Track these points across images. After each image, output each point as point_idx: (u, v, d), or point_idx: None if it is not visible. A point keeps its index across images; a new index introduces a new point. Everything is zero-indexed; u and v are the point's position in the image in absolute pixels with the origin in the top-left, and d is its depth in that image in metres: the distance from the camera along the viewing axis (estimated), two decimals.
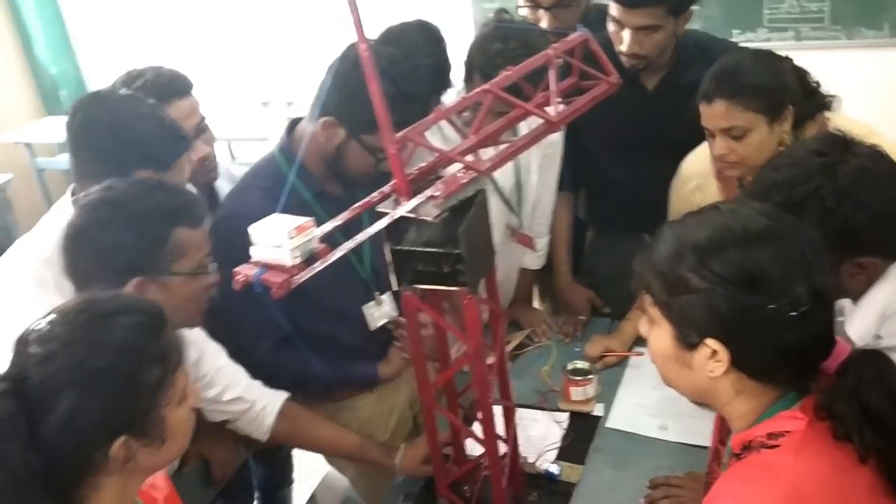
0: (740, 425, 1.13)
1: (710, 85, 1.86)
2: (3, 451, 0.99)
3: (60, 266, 1.61)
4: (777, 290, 1.02)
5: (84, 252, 1.41)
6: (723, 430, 1.33)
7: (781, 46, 3.59)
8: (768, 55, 1.92)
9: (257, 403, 1.80)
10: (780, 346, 1.04)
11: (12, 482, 0.99)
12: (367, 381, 2.09)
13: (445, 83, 2.19)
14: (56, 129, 5.02)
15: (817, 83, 1.96)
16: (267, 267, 1.15)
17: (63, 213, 1.69)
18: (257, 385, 1.82)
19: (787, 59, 1.95)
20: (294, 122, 1.95)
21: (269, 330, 1.84)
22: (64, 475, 1.05)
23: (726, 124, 1.84)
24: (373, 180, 1.38)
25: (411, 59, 1.98)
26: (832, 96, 1.95)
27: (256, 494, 2.72)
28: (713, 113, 1.86)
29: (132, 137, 1.61)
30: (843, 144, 1.40)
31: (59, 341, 1.05)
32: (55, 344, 1.05)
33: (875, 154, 1.39)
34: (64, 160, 5.15)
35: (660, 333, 1.14)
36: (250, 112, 4.84)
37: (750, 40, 3.70)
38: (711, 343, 1.06)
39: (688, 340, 1.09)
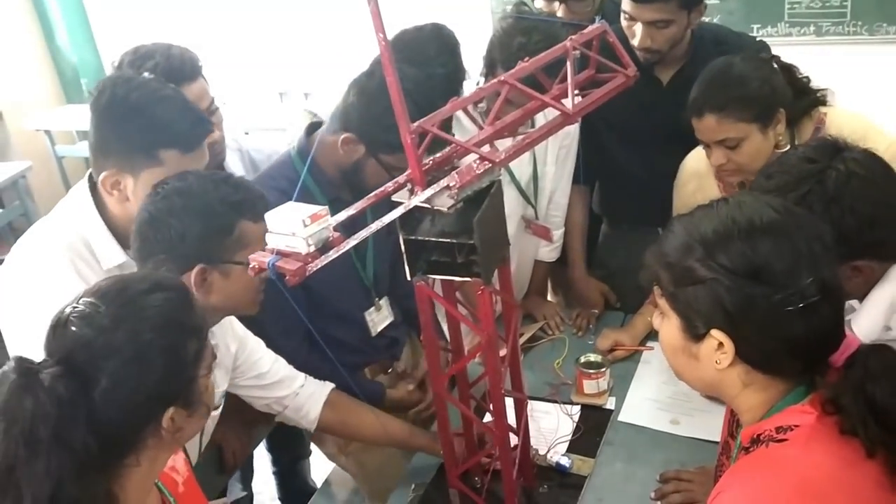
0: (749, 418, 1.13)
1: (698, 99, 1.86)
2: (68, 434, 1.00)
3: (80, 252, 1.64)
4: (782, 281, 1.02)
5: (155, 237, 1.47)
6: (733, 423, 1.33)
7: (802, 41, 3.62)
8: (753, 60, 1.92)
9: (303, 392, 1.83)
10: (786, 338, 1.04)
11: (76, 465, 1.00)
12: (373, 398, 2.11)
13: (458, 92, 2.18)
14: (76, 117, 5.05)
15: (807, 78, 1.95)
16: (281, 255, 1.15)
17: (79, 200, 1.71)
18: (301, 375, 1.84)
19: (775, 58, 1.95)
20: (313, 126, 1.95)
21: (294, 327, 1.87)
22: (115, 454, 1.07)
23: (719, 137, 1.85)
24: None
25: (425, 70, 2.00)
26: (824, 90, 1.94)
27: (273, 469, 2.75)
28: (704, 127, 1.86)
29: (160, 118, 1.63)
30: (833, 150, 1.40)
31: (103, 321, 1.06)
32: (99, 324, 1.06)
33: (865, 158, 1.39)
34: (83, 148, 5.19)
35: (668, 325, 1.14)
36: (268, 102, 4.86)
37: (770, 35, 3.67)
38: (717, 334, 1.06)
39: (694, 332, 1.10)
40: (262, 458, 2.86)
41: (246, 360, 1.76)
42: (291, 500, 2.80)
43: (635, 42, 2.12)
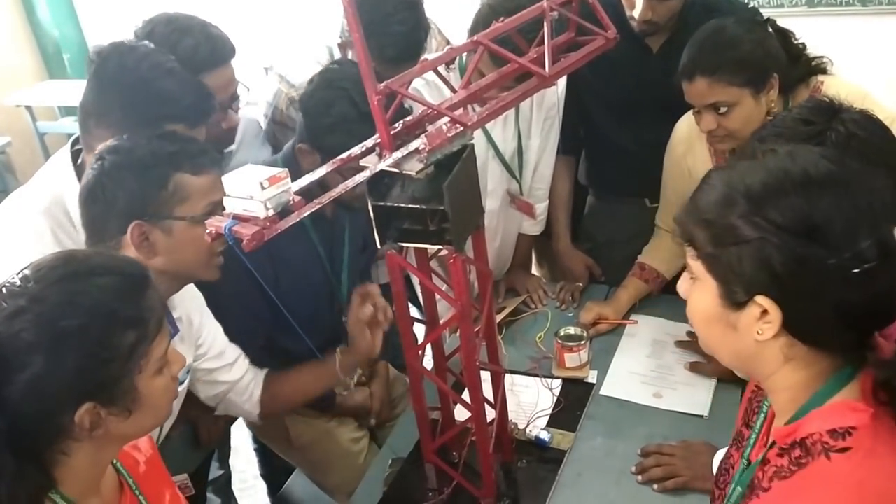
0: (786, 399, 1.00)
1: (690, 62, 1.80)
2: None
3: (58, 218, 1.61)
4: (840, 242, 0.89)
5: (95, 199, 1.42)
6: (750, 411, 1.20)
7: (794, 13, 3.55)
8: (747, 23, 1.86)
9: (246, 376, 1.80)
10: (840, 307, 0.91)
11: None
12: (325, 402, 2.12)
13: (418, 50, 2.14)
14: (58, 92, 4.98)
15: (803, 45, 1.90)
16: (239, 219, 1.10)
17: (60, 166, 1.67)
18: (246, 360, 1.82)
19: (769, 21, 1.89)
20: None
21: (254, 333, 1.86)
22: (29, 438, 1.01)
23: (709, 101, 1.80)
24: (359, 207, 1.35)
25: (383, 28, 1.96)
26: (822, 57, 1.89)
27: (255, 447, 2.72)
28: (695, 91, 1.81)
29: (169, 92, 1.60)
30: (831, 111, 1.34)
31: (29, 298, 1.00)
32: (24, 300, 1.00)
33: (864, 119, 1.34)
34: (65, 124, 5.11)
35: (702, 291, 1.00)
36: (252, 77, 4.78)
37: (761, 6, 3.60)
38: (762, 301, 0.93)
39: (734, 298, 0.96)
40: (245, 436, 2.83)
41: (207, 336, 1.71)
42: (273, 478, 2.76)
43: (636, 13, 2.06)
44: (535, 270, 2.70)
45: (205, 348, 1.71)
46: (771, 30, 1.87)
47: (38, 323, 0.99)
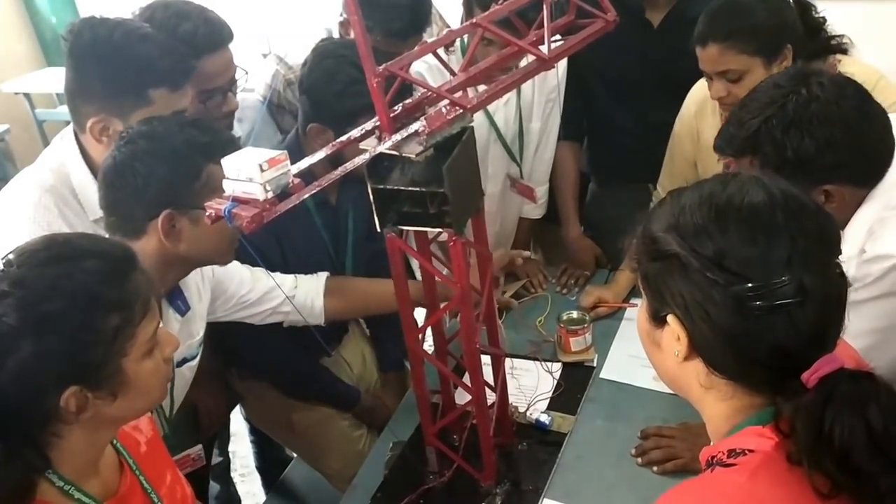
0: (712, 430, 0.99)
1: (704, 28, 1.81)
2: None
3: (64, 196, 1.62)
4: (747, 272, 0.87)
5: (121, 183, 1.41)
6: None
7: None
8: None
9: (299, 292, 1.83)
10: (747, 339, 0.88)
11: None
12: (347, 403, 2.14)
13: (424, 22, 2.12)
14: (56, 79, 4.96)
15: (823, 19, 1.89)
16: (239, 201, 1.10)
17: (64, 146, 1.67)
18: (291, 276, 1.84)
19: None
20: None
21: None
22: (17, 422, 1.00)
23: (721, 67, 1.80)
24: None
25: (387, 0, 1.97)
26: (841, 36, 1.88)
27: (251, 438, 2.73)
28: (707, 57, 1.81)
29: (146, 57, 1.59)
30: (803, 76, 1.38)
31: (12, 282, 1.00)
32: (6, 284, 1.00)
33: (832, 83, 1.37)
34: (64, 111, 5.04)
35: (641, 307, 1.02)
36: (251, 63, 4.76)
37: None
38: (671, 320, 0.93)
39: (656, 315, 0.96)
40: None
41: (224, 294, 1.74)
42: (269, 471, 2.78)
43: None
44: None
45: (221, 301, 1.74)
46: (791, 1, 1.87)
47: (21, 307, 0.98)
